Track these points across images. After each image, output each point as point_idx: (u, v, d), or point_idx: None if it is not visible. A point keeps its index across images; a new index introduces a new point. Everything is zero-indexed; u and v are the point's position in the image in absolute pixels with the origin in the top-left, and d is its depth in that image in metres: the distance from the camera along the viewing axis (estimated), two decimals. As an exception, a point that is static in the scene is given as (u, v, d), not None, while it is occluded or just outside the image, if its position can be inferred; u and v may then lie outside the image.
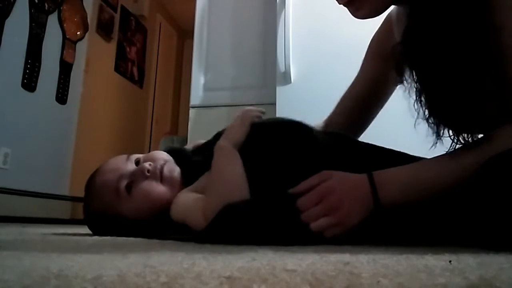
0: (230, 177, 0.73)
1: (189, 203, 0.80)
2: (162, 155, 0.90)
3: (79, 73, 2.92)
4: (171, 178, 0.86)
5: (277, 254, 0.48)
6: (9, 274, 0.31)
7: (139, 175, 0.85)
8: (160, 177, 0.85)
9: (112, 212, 0.86)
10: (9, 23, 2.28)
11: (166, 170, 0.86)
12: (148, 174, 0.84)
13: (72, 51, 2.84)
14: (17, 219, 2.15)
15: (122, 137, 3.59)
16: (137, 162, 0.89)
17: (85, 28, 2.99)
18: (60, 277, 0.30)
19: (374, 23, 1.99)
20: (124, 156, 0.93)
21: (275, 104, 1.84)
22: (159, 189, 0.84)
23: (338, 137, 0.87)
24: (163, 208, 0.83)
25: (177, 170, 0.88)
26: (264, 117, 0.86)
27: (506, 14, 0.61)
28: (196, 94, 2.19)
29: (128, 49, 3.75)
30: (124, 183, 0.85)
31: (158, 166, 0.86)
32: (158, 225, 0.84)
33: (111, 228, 0.88)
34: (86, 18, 3.00)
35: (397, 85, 0.90)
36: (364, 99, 0.99)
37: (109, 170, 0.89)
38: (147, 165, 0.85)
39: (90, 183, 0.93)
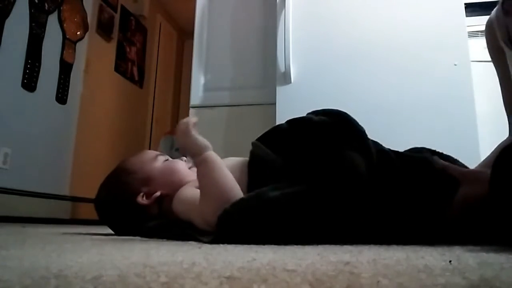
0: (220, 180, 0.75)
1: (188, 200, 0.85)
2: None
3: (79, 73, 2.92)
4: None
5: (277, 254, 0.48)
6: (9, 274, 0.31)
7: (176, 158, 1.04)
8: (191, 166, 1.01)
9: (140, 170, 0.97)
10: (9, 23, 2.28)
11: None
12: (183, 160, 1.02)
13: (72, 51, 2.84)
14: (17, 219, 2.15)
15: (122, 137, 3.59)
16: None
17: (85, 28, 2.98)
18: (60, 277, 0.30)
19: (374, 24, 1.99)
20: None
21: (275, 104, 1.84)
22: (186, 167, 1.00)
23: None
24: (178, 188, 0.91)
25: None
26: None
27: None
28: (196, 94, 2.19)
29: (128, 49, 3.74)
30: (163, 158, 1.02)
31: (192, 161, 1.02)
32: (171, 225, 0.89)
33: (123, 209, 0.96)
34: (86, 18, 3.00)
35: None
36: None
37: (148, 152, 1.07)
38: (183, 157, 1.04)
39: (126, 160, 1.05)
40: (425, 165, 0.80)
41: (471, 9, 1.88)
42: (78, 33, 2.90)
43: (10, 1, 2.30)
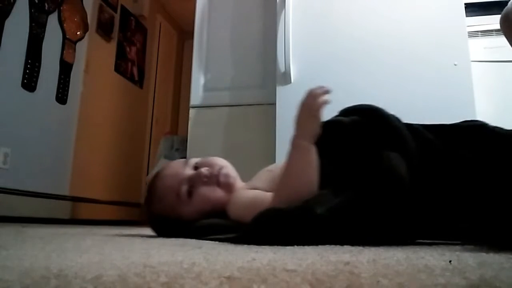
0: (302, 174, 0.72)
1: (247, 200, 0.82)
2: (218, 161, 0.96)
3: (79, 73, 2.92)
4: (227, 183, 0.91)
5: (277, 254, 0.48)
6: (9, 274, 0.31)
7: (198, 180, 0.91)
8: (217, 181, 0.91)
9: (172, 214, 0.91)
10: (9, 23, 2.28)
11: (222, 175, 0.92)
12: (206, 180, 0.90)
13: (72, 51, 2.84)
14: (17, 219, 2.15)
15: (122, 137, 3.59)
16: (196, 167, 0.94)
17: (85, 28, 2.98)
18: (60, 277, 0.30)
19: (374, 24, 1.99)
20: (182, 160, 0.99)
21: (275, 104, 1.84)
22: (216, 193, 0.90)
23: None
24: (221, 209, 0.88)
25: (232, 175, 0.94)
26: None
27: None
28: (196, 94, 2.19)
29: (128, 49, 3.74)
30: (185, 188, 0.91)
31: (215, 172, 0.92)
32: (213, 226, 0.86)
33: (172, 229, 0.92)
34: (86, 18, 3.00)
35: None
36: None
37: (170, 175, 0.94)
38: (204, 170, 0.91)
39: (152, 187, 0.97)
40: (474, 137, 0.74)
41: (471, 9, 1.88)
42: (78, 33, 2.90)
43: (10, 1, 2.30)
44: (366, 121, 0.80)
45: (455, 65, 1.70)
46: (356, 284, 0.29)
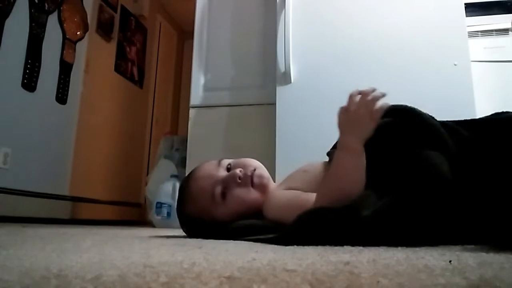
0: (352, 177, 0.72)
1: (287, 201, 0.82)
2: (251, 162, 0.96)
3: (79, 73, 2.92)
4: (261, 184, 0.91)
5: (277, 254, 0.48)
6: (9, 274, 0.31)
7: (231, 181, 0.91)
8: (251, 182, 0.91)
9: (207, 216, 0.91)
10: (9, 23, 2.28)
11: (256, 176, 0.91)
12: (240, 181, 0.90)
13: (72, 51, 2.84)
14: (17, 219, 2.15)
15: (122, 137, 3.59)
16: (228, 168, 0.94)
17: (85, 28, 2.98)
18: (60, 277, 0.30)
19: (374, 24, 1.99)
20: (215, 161, 0.97)
21: (275, 104, 1.84)
22: (251, 195, 0.90)
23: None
24: (256, 210, 0.88)
25: (266, 176, 0.93)
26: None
27: None
28: (196, 94, 2.19)
29: (128, 49, 3.74)
30: (219, 189, 0.91)
31: (249, 173, 0.91)
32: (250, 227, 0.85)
33: (207, 230, 0.91)
34: (86, 18, 3.00)
35: None
36: None
37: (203, 177, 0.94)
38: (238, 171, 0.91)
39: (185, 188, 0.97)
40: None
41: (471, 9, 1.88)
42: (78, 33, 2.90)
43: (10, 1, 2.30)
44: (400, 121, 0.79)
45: (455, 65, 1.70)
46: (356, 284, 0.29)
